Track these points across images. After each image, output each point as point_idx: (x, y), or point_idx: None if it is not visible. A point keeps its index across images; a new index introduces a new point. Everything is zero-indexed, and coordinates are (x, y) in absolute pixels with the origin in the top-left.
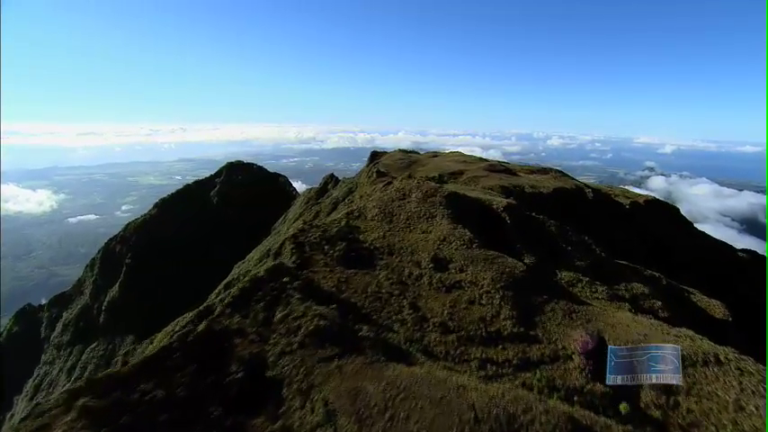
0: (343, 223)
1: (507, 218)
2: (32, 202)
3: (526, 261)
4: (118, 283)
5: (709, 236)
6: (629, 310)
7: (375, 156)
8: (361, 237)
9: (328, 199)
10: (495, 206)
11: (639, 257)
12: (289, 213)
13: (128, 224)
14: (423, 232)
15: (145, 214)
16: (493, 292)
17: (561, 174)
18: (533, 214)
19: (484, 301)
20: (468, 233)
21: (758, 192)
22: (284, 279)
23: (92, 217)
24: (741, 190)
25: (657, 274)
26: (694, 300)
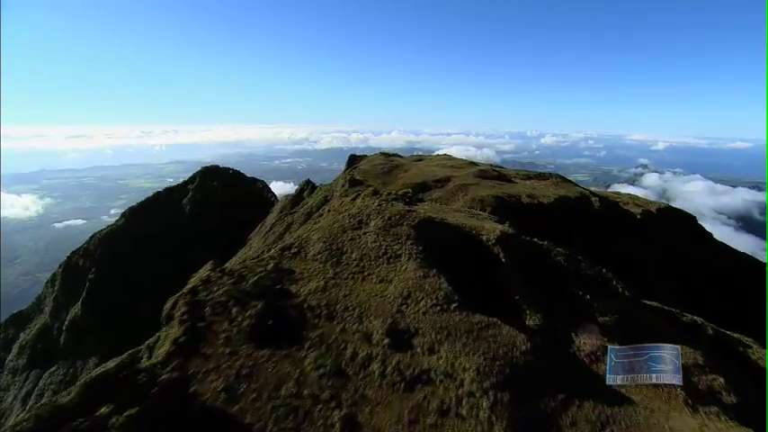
0: (270, 266)
1: (502, 254)
2: (17, 206)
3: (530, 323)
4: (80, 301)
5: (732, 249)
6: (686, 403)
7: (353, 160)
8: (292, 288)
9: (303, 208)
10: (484, 237)
11: (659, 281)
12: (265, 223)
13: (92, 235)
14: (380, 281)
15: (111, 225)
16: (479, 394)
17: (562, 179)
18: (535, 240)
19: (464, 412)
20: (445, 284)
21: (752, 188)
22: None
23: (79, 222)
24: (735, 186)
25: (700, 320)
26: (753, 357)
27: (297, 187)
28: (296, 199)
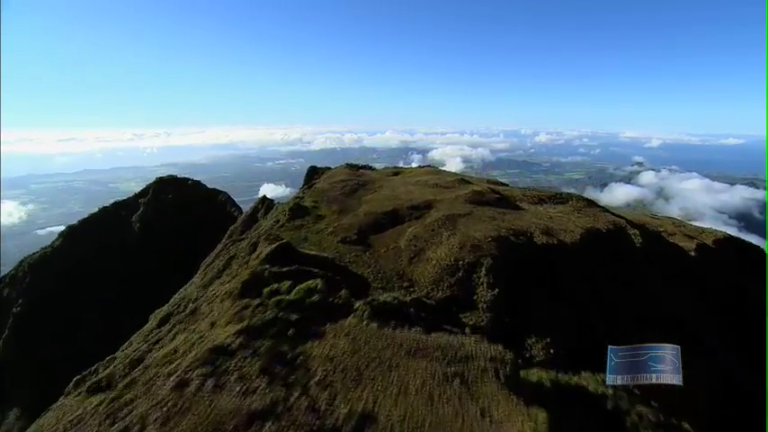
0: None
1: None
2: (2, 213)
3: None
4: (2, 339)
5: None
6: None
7: (312, 174)
8: None
9: (250, 237)
10: None
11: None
12: (217, 248)
13: (22, 261)
14: None
15: (45, 247)
16: None
17: (585, 202)
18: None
19: None
20: None
21: (749, 185)
22: None
23: (62, 228)
24: (733, 184)
25: None
26: None
27: (251, 206)
28: (248, 220)
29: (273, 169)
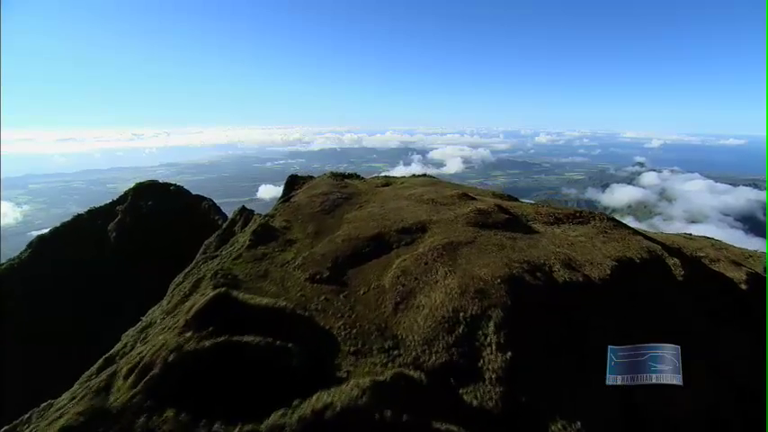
0: None
1: None
2: None
3: None
4: None
5: None
6: None
7: (293, 184)
8: None
9: (221, 256)
10: None
11: None
12: (189, 266)
13: None
14: None
15: (12, 259)
16: None
17: (611, 222)
18: None
19: None
20: None
21: (752, 186)
22: None
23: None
24: (735, 185)
25: None
26: None
27: (229, 217)
28: (225, 234)
29: (273, 169)
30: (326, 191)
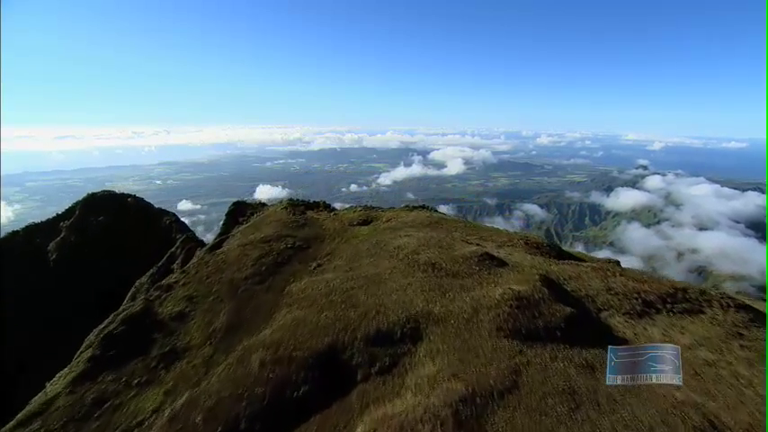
0: None
1: None
2: None
3: None
4: None
5: None
6: None
7: (237, 214)
8: None
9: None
10: None
11: None
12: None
13: None
14: None
15: None
16: None
17: (745, 312)
18: None
19: None
20: None
21: (759, 191)
22: None
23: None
24: (742, 190)
25: None
26: None
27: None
28: (159, 272)
29: (273, 169)
30: (274, 234)
